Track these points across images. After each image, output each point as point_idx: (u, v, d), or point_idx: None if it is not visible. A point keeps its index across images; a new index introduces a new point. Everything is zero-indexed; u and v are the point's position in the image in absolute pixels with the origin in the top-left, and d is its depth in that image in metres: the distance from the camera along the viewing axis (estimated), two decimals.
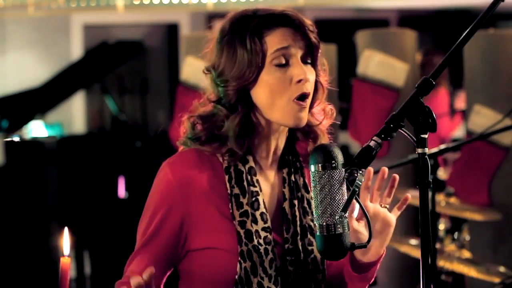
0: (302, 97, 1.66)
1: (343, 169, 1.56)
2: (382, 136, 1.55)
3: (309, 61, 1.69)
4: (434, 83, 1.55)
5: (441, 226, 3.98)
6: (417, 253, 3.23)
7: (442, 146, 3.04)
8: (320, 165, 1.56)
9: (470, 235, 3.90)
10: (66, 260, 1.47)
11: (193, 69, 4.52)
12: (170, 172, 1.69)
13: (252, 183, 1.70)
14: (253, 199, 1.69)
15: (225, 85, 1.69)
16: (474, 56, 4.04)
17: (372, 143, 1.54)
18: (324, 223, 1.55)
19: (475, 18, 1.57)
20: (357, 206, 1.64)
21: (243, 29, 1.67)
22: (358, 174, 1.53)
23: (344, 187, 1.56)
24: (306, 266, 1.71)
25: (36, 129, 6.80)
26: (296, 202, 1.74)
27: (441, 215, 4.08)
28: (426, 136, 1.53)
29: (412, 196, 3.83)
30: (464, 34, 1.56)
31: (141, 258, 1.69)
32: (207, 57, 1.75)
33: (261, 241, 1.66)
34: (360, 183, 1.53)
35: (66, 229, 1.50)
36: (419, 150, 1.54)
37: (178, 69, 6.95)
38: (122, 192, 5.43)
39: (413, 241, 3.42)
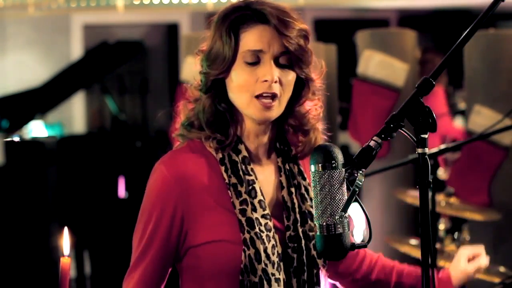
0: (267, 94, 1.66)
1: (343, 169, 1.56)
2: (382, 136, 1.55)
3: (285, 62, 1.68)
4: (434, 83, 1.55)
5: (441, 226, 3.98)
6: (417, 253, 3.23)
7: (442, 146, 3.04)
8: (320, 165, 1.56)
9: (470, 235, 3.90)
10: (66, 260, 1.47)
11: (193, 69, 4.51)
12: (166, 170, 1.69)
13: (247, 172, 1.71)
14: (250, 187, 1.70)
15: (205, 71, 1.73)
16: (474, 56, 4.04)
17: (372, 143, 1.55)
18: (324, 223, 1.55)
19: (475, 18, 1.57)
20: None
21: (225, 21, 1.69)
22: (358, 174, 1.53)
23: (344, 187, 1.57)
24: (308, 252, 1.72)
25: (36, 129, 6.80)
26: (293, 189, 1.75)
27: (441, 215, 4.08)
28: (426, 136, 1.53)
29: (412, 196, 3.83)
30: (464, 34, 1.56)
31: (139, 276, 1.70)
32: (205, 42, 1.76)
33: (262, 228, 1.67)
34: (360, 183, 1.53)
35: (66, 229, 1.50)
36: (419, 150, 1.54)
37: (178, 69, 6.95)
38: (122, 192, 5.43)
39: (413, 241, 3.42)
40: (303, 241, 1.71)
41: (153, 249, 1.69)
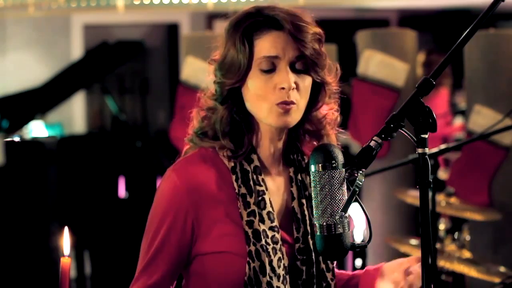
0: (286, 102, 1.65)
1: (344, 169, 1.56)
2: (383, 136, 1.55)
3: (301, 67, 1.67)
4: (434, 83, 1.55)
5: (441, 226, 3.98)
6: (417, 253, 3.23)
7: (442, 146, 3.04)
8: (320, 165, 1.56)
9: (470, 235, 3.90)
10: (66, 260, 1.47)
11: (193, 69, 4.51)
12: (177, 178, 1.68)
13: (258, 182, 1.69)
14: (259, 198, 1.68)
15: (220, 80, 1.69)
16: (474, 56, 4.04)
17: (372, 143, 1.54)
18: (324, 223, 1.55)
19: (475, 18, 1.57)
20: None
21: (237, 29, 1.67)
22: (359, 174, 1.53)
23: (345, 187, 1.57)
24: (318, 265, 1.71)
25: (36, 129, 6.80)
26: (304, 201, 1.73)
27: (441, 215, 4.08)
28: (426, 136, 1.53)
29: (412, 196, 3.83)
30: (464, 34, 1.56)
31: (150, 283, 1.68)
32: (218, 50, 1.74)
33: (269, 240, 1.66)
34: (361, 183, 1.53)
35: (66, 229, 1.50)
36: (419, 150, 1.54)
37: (178, 69, 6.95)
38: (122, 192, 5.43)
39: (413, 241, 3.42)
40: (313, 254, 1.70)
41: (164, 255, 1.68)
